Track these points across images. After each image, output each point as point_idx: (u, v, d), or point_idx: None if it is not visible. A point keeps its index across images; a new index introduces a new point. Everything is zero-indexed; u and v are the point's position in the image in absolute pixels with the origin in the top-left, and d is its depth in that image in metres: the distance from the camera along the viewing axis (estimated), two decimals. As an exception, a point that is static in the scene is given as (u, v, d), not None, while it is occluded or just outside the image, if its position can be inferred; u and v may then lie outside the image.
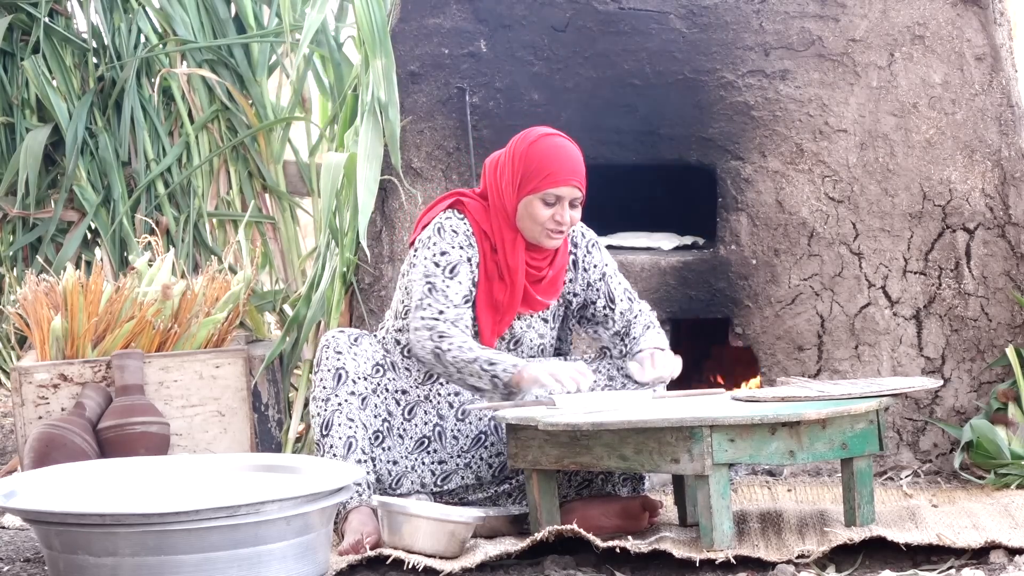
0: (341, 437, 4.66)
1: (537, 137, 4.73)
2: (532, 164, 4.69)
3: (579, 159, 4.73)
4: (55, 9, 6.98)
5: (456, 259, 4.72)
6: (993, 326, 5.43)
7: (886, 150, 5.44)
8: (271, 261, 6.96)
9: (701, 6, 5.47)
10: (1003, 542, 4.37)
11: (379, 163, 5.45)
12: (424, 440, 4.78)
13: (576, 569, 4.38)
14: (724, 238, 5.48)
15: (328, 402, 4.68)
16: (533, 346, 4.85)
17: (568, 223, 4.71)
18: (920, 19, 5.44)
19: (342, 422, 4.67)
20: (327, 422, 4.67)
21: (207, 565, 4.00)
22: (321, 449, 4.68)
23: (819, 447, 4.45)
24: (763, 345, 5.46)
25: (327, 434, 4.66)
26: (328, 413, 4.68)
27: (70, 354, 5.42)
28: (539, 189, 4.68)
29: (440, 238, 4.73)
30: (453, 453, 4.79)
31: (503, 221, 4.75)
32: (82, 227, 6.80)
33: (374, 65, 5.50)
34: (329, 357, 4.70)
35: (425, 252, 4.74)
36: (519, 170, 4.70)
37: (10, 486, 4.28)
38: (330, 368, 4.70)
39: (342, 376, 4.70)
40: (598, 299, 4.89)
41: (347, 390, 4.69)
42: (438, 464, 4.79)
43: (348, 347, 4.72)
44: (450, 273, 4.71)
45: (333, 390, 4.69)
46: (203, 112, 6.83)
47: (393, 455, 4.75)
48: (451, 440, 4.80)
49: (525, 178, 4.69)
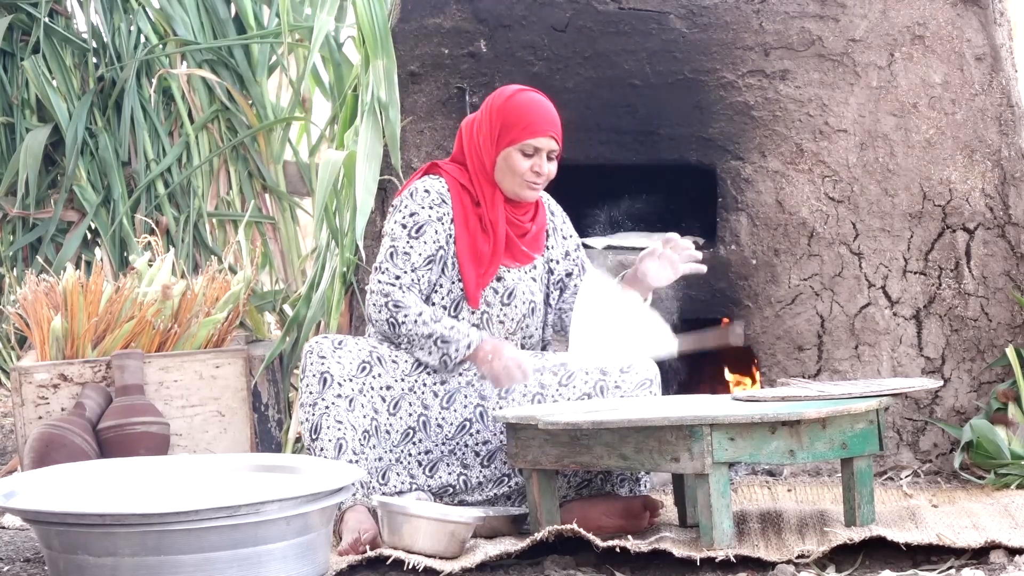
0: (331, 440, 4.66)
1: (513, 92, 4.82)
2: (510, 117, 4.78)
3: (555, 112, 4.82)
4: (55, 9, 6.99)
5: (424, 219, 4.77)
6: (993, 326, 5.43)
7: (886, 150, 5.44)
8: (271, 261, 6.96)
9: (701, 6, 5.47)
10: (1003, 542, 4.37)
11: (378, 163, 5.45)
12: (409, 431, 4.79)
13: (576, 569, 4.38)
14: (724, 238, 5.48)
15: (315, 407, 4.68)
16: (525, 300, 4.87)
17: (546, 175, 4.80)
18: (920, 19, 5.44)
19: (330, 425, 4.67)
20: (316, 426, 4.67)
21: (207, 565, 4.00)
22: (312, 453, 4.68)
23: (819, 447, 4.45)
24: (763, 345, 5.46)
25: (316, 438, 4.66)
26: (316, 417, 4.68)
27: (70, 354, 5.42)
28: (517, 140, 4.76)
29: (412, 200, 4.81)
30: (438, 441, 4.80)
31: (482, 177, 4.81)
32: (82, 227, 6.81)
33: (374, 65, 5.50)
34: (313, 363, 4.70)
35: (395, 216, 4.81)
36: (496, 124, 4.78)
37: (10, 486, 4.28)
38: (315, 373, 4.69)
39: (327, 380, 4.69)
40: (574, 269, 4.97)
41: (333, 393, 4.69)
42: (424, 454, 4.79)
43: (332, 351, 4.72)
44: (416, 233, 4.76)
45: (319, 394, 4.68)
46: (203, 112, 6.83)
47: (378, 451, 4.75)
48: (435, 428, 4.80)
49: (503, 131, 4.77)
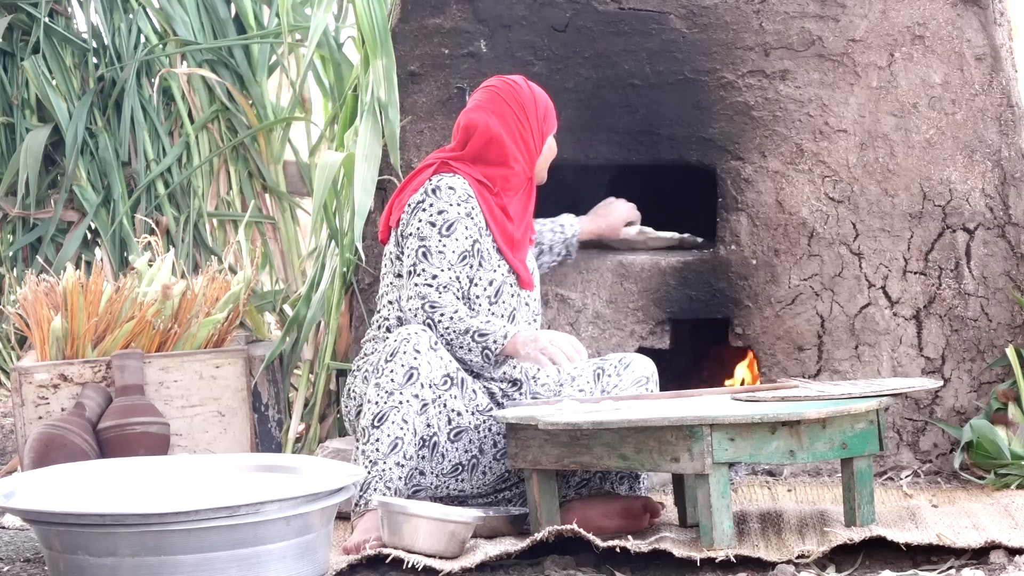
0: (390, 435, 4.57)
1: (524, 81, 4.93)
2: (542, 106, 4.91)
3: None
4: (55, 9, 6.99)
5: (454, 216, 4.73)
6: (993, 326, 5.43)
7: (886, 150, 5.44)
8: (271, 261, 6.96)
9: (701, 6, 5.47)
10: (1003, 542, 4.37)
11: (377, 163, 5.45)
12: (459, 467, 4.74)
13: (576, 569, 4.38)
14: (724, 238, 5.48)
15: (391, 396, 4.57)
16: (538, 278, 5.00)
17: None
18: (920, 19, 5.43)
19: (396, 420, 4.57)
20: (382, 415, 4.57)
21: (206, 565, 4.00)
22: (366, 437, 4.57)
23: (819, 447, 4.45)
24: (763, 345, 5.46)
25: (379, 426, 4.56)
26: (387, 407, 4.57)
27: (70, 354, 5.41)
28: (554, 126, 4.95)
29: (436, 198, 4.76)
30: (476, 486, 4.77)
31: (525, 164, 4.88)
32: (82, 227, 6.80)
33: (374, 65, 5.50)
34: (407, 352, 4.58)
35: (420, 215, 4.74)
36: (541, 111, 4.90)
37: (10, 486, 4.28)
38: (404, 364, 4.57)
39: (413, 375, 4.58)
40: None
41: (412, 391, 4.58)
42: (458, 492, 4.76)
43: (428, 349, 4.60)
44: (447, 231, 4.73)
45: (400, 386, 4.57)
46: (203, 112, 6.83)
47: (424, 466, 4.68)
48: (480, 475, 4.76)
49: (546, 117, 4.92)
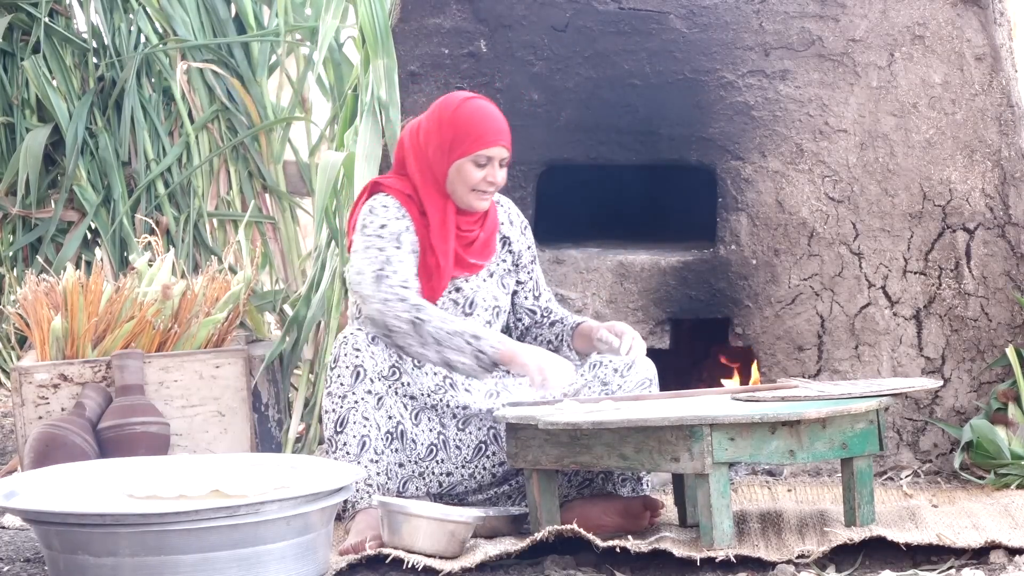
0: (355, 436, 4.61)
1: (460, 101, 4.77)
2: (461, 128, 4.73)
3: (503, 120, 4.80)
4: (55, 9, 6.98)
5: (398, 229, 4.73)
6: (993, 326, 5.43)
7: (886, 150, 5.44)
8: (271, 261, 6.96)
9: (701, 6, 5.47)
10: (1003, 542, 4.37)
11: (377, 163, 5.45)
12: (433, 448, 4.76)
13: (576, 569, 4.38)
14: (724, 238, 5.48)
15: (345, 399, 4.62)
16: (488, 307, 4.85)
17: (498, 183, 4.78)
18: (920, 19, 5.44)
19: (357, 420, 4.62)
20: (342, 419, 4.62)
21: (207, 565, 4.00)
22: (333, 446, 4.63)
23: (819, 447, 4.45)
24: (763, 345, 5.46)
25: (341, 431, 4.61)
26: (344, 410, 4.62)
27: (70, 354, 5.41)
28: (470, 151, 4.73)
29: (375, 216, 4.75)
30: (457, 464, 4.78)
31: (432, 188, 4.77)
32: (82, 227, 6.80)
33: (375, 65, 5.50)
34: (348, 354, 4.63)
35: (365, 232, 4.73)
36: (448, 135, 4.74)
37: (10, 486, 4.28)
38: (348, 365, 4.62)
39: (360, 374, 4.63)
40: (528, 281, 4.97)
41: (364, 388, 4.63)
42: (445, 476, 4.77)
43: (367, 345, 4.64)
44: (397, 242, 4.72)
45: (351, 387, 4.62)
46: (203, 112, 6.83)
47: (400, 457, 4.73)
48: (454, 450, 4.78)
49: (455, 142, 4.73)
